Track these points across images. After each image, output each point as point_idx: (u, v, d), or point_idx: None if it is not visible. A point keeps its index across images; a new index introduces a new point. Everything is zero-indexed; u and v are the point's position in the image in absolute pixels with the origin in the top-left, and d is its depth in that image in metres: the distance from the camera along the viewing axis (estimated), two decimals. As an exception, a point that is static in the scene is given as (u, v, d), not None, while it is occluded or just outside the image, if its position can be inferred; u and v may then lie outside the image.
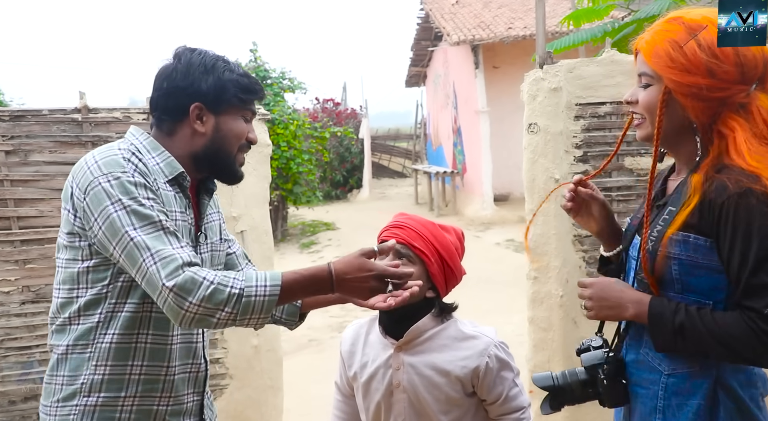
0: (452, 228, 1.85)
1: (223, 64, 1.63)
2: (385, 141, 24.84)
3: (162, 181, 1.57)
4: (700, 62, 1.36)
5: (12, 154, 2.77)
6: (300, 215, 14.44)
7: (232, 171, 1.69)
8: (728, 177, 1.33)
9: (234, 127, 1.64)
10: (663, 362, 1.45)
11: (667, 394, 1.45)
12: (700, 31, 1.37)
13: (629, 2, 4.37)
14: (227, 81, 1.61)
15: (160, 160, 1.60)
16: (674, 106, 1.41)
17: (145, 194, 1.49)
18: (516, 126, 4.00)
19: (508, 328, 5.02)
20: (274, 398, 3.20)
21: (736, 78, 1.36)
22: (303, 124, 11.47)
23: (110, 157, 1.52)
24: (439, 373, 1.75)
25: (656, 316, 1.39)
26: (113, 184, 1.48)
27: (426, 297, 1.78)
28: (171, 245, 1.46)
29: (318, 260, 10.00)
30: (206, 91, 1.59)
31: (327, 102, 17.52)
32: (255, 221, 3.10)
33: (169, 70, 1.62)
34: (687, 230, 1.38)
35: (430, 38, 15.72)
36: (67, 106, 2.87)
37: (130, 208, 1.46)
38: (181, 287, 1.41)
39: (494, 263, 8.37)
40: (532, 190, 3.04)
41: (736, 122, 1.37)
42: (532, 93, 3.02)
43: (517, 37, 12.30)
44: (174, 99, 1.60)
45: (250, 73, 1.70)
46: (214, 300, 1.42)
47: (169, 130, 1.63)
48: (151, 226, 1.46)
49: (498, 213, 12.42)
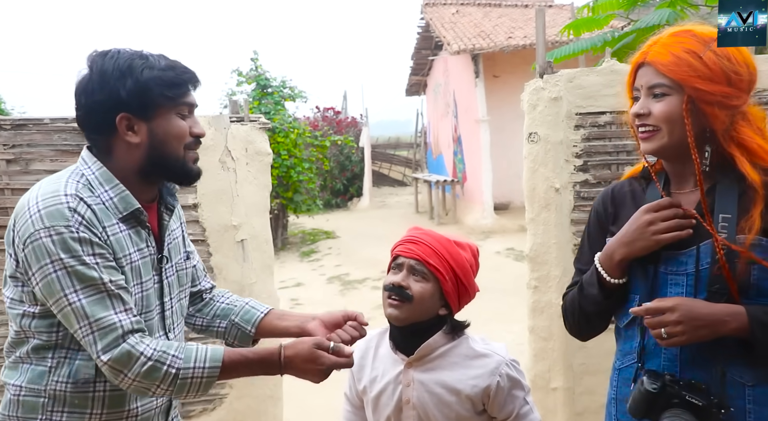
0: (468, 245, 1.82)
1: (140, 63, 1.47)
2: (385, 150, 24.86)
3: (115, 220, 1.48)
4: (721, 70, 1.39)
5: (13, 162, 2.78)
6: (300, 224, 14.43)
7: (185, 172, 1.56)
8: None
9: (171, 129, 1.50)
10: (745, 375, 1.41)
11: (758, 406, 1.40)
12: (712, 42, 1.40)
13: (629, 12, 4.39)
14: (148, 81, 1.45)
15: (114, 195, 1.49)
16: (696, 115, 1.43)
17: (90, 251, 1.39)
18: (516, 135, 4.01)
19: (509, 337, 5.01)
20: (273, 408, 3.18)
21: (747, 87, 1.43)
22: (303, 132, 11.49)
23: (54, 207, 1.39)
24: (449, 391, 1.73)
25: (760, 325, 1.34)
26: (55, 240, 1.37)
27: (438, 314, 1.76)
28: (114, 309, 1.39)
29: (318, 268, 10.00)
30: (128, 98, 1.45)
31: (327, 111, 17.55)
32: (255, 229, 3.10)
33: (84, 82, 1.48)
34: (763, 234, 1.38)
35: (431, 47, 15.76)
36: (68, 114, 2.88)
37: (71, 269, 1.37)
38: (116, 361, 1.37)
39: (494, 271, 8.36)
40: (532, 199, 3.04)
41: (746, 129, 1.43)
42: (533, 102, 3.02)
43: (517, 47, 12.33)
44: (96, 115, 1.47)
45: (175, 61, 1.53)
46: (150, 377, 1.39)
47: (105, 149, 1.51)
48: (92, 288, 1.38)
49: (498, 222, 12.41)
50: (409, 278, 1.72)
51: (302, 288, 8.75)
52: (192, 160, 1.57)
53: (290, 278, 9.30)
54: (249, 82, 11.59)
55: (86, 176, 1.49)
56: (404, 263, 1.75)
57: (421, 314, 1.73)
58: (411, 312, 1.72)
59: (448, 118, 15.58)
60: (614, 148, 3.00)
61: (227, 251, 3.03)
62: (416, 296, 1.70)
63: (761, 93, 2.82)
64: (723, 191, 1.43)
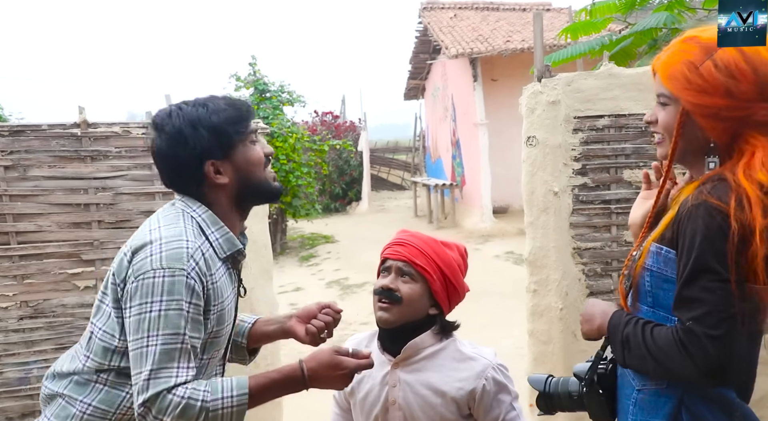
0: (455, 245, 1.84)
1: (204, 111, 1.57)
2: (384, 154, 24.85)
3: (219, 263, 1.56)
4: (717, 83, 1.33)
5: (11, 169, 2.78)
6: (299, 228, 14.42)
7: (272, 191, 1.68)
8: (700, 189, 1.32)
9: (250, 157, 1.61)
10: (635, 378, 1.46)
11: (636, 409, 1.46)
12: (715, 49, 1.34)
13: (627, 15, 4.40)
14: (218, 124, 1.56)
15: (220, 236, 1.58)
16: (692, 126, 1.39)
17: (189, 299, 1.46)
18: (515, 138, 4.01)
19: (508, 341, 5.00)
20: (273, 412, 3.18)
21: (755, 97, 1.33)
22: (302, 137, 11.49)
23: (175, 251, 1.48)
24: (435, 393, 1.74)
25: (612, 327, 1.43)
26: (166, 281, 1.44)
27: (429, 314, 1.77)
28: (177, 364, 1.43)
29: (317, 272, 9.98)
30: (208, 146, 1.55)
31: (326, 115, 17.56)
32: (254, 234, 3.09)
33: (163, 148, 1.56)
34: (661, 242, 1.39)
35: (429, 51, 15.77)
36: (66, 120, 2.88)
37: (165, 312, 1.44)
38: (156, 407, 1.41)
39: (493, 275, 8.35)
40: (531, 203, 3.04)
41: (758, 140, 1.33)
42: (531, 106, 3.02)
43: (515, 50, 12.34)
44: (186, 172, 1.56)
45: (230, 99, 1.64)
46: (186, 416, 1.42)
47: (199, 197, 1.59)
48: (172, 337, 1.44)
49: (497, 225, 12.40)
50: (398, 280, 1.74)
51: (301, 293, 8.74)
52: (272, 178, 1.69)
53: (289, 282, 9.30)
54: (247, 87, 11.59)
55: (195, 219, 1.57)
56: (392, 265, 1.77)
57: (412, 315, 1.75)
58: (401, 314, 1.73)
59: (446, 122, 15.58)
60: (613, 151, 3.00)
61: (226, 256, 3.02)
62: (405, 297, 1.72)
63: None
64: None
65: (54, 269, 2.82)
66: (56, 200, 2.81)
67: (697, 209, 1.29)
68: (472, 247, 10.92)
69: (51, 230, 2.82)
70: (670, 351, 1.30)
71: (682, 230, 1.32)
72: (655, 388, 1.42)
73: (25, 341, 2.80)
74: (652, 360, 1.33)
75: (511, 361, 1.84)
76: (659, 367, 1.33)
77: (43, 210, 2.81)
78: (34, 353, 2.80)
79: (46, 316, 2.83)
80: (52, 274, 2.82)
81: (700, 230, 1.28)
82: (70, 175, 2.83)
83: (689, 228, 1.30)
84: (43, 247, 2.81)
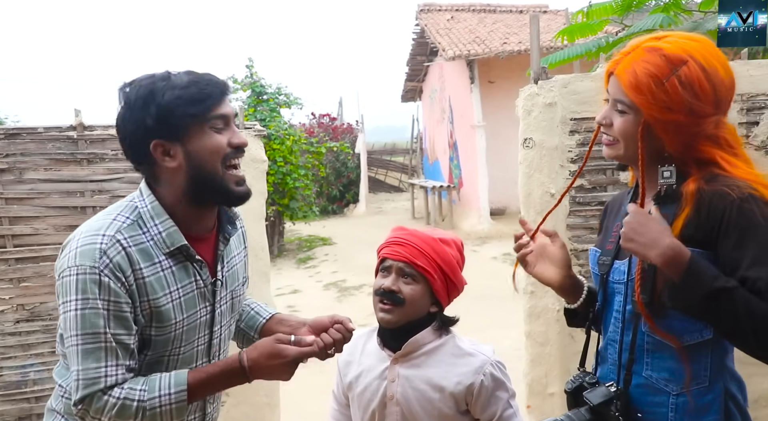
0: (452, 240, 1.84)
1: (162, 85, 1.45)
2: (381, 156, 24.87)
3: (161, 257, 1.49)
4: (682, 100, 1.35)
5: (7, 172, 2.77)
6: (296, 230, 14.41)
7: (227, 192, 1.53)
8: (726, 185, 1.33)
9: (207, 145, 1.48)
10: (670, 383, 1.43)
11: (679, 415, 1.42)
12: (681, 66, 1.35)
13: (623, 17, 4.41)
14: (169, 103, 1.43)
15: (163, 229, 1.50)
16: (651, 137, 1.41)
17: (105, 296, 1.41)
18: (512, 140, 4.01)
19: (506, 343, 5.00)
20: (271, 415, 3.17)
21: (714, 112, 1.37)
22: (299, 139, 11.49)
23: (88, 247, 1.43)
24: (433, 388, 1.74)
25: (695, 271, 1.28)
26: (78, 279, 1.41)
27: (429, 312, 1.78)
28: (105, 362, 1.42)
29: (315, 274, 9.98)
30: (154, 125, 1.44)
31: (323, 117, 17.56)
32: (251, 236, 3.07)
33: (119, 116, 1.50)
34: (681, 241, 1.33)
35: (426, 53, 15.79)
36: (62, 123, 2.87)
37: (80, 311, 1.41)
38: (92, 408, 1.42)
39: (491, 277, 8.35)
40: (528, 205, 3.04)
41: (710, 148, 1.39)
42: (527, 108, 3.03)
43: (512, 52, 12.36)
44: (134, 146, 1.49)
45: (199, 75, 1.50)
46: (123, 416, 1.42)
47: (153, 178, 1.53)
48: (92, 336, 1.41)
49: (494, 227, 12.41)
50: (399, 281, 1.73)
51: (299, 295, 8.73)
52: (234, 179, 1.53)
53: (287, 285, 9.29)
54: (244, 90, 11.59)
55: (139, 210, 1.51)
56: (392, 265, 1.75)
57: (413, 315, 1.75)
58: (403, 315, 1.73)
59: (443, 124, 15.60)
60: (609, 153, 3.00)
61: (223, 259, 3.02)
62: (408, 298, 1.72)
63: (755, 98, 2.83)
64: (668, 205, 1.41)
65: (50, 272, 2.81)
66: (52, 203, 2.81)
67: (748, 202, 1.31)
68: (470, 248, 10.91)
69: (47, 233, 2.81)
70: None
71: (726, 222, 1.31)
72: (696, 388, 1.40)
73: (21, 344, 2.79)
74: (749, 326, 1.24)
75: (508, 362, 1.84)
76: (755, 336, 1.25)
77: (39, 213, 2.80)
78: (30, 356, 2.80)
79: (42, 319, 2.82)
80: (49, 277, 2.82)
81: (761, 218, 1.29)
82: (66, 178, 2.83)
83: (748, 219, 1.30)
84: (40, 250, 2.81)
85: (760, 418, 2.84)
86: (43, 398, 2.80)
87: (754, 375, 2.85)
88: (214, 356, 1.65)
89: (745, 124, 2.85)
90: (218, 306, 1.62)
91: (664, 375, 1.43)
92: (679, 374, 1.41)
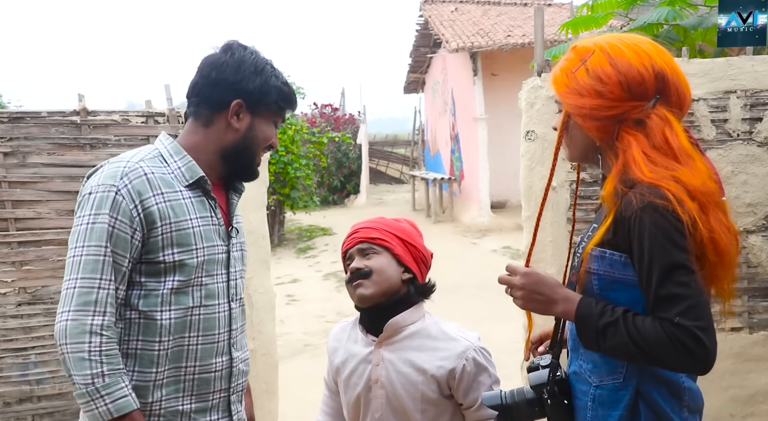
0: (402, 219, 1.94)
1: (271, 70, 1.69)
2: (382, 147, 24.85)
3: (180, 188, 1.62)
4: (587, 85, 1.45)
5: (10, 155, 2.77)
6: (297, 220, 14.43)
7: (252, 170, 1.76)
8: (635, 192, 1.37)
9: (265, 130, 1.72)
10: (592, 374, 1.51)
11: (595, 405, 1.50)
12: (588, 57, 1.47)
13: (628, 11, 4.40)
14: (272, 86, 1.68)
15: (182, 165, 1.65)
16: (575, 127, 1.53)
17: (116, 214, 1.53)
18: (514, 133, 4.01)
19: (504, 335, 5.02)
20: (269, 402, 3.19)
21: (623, 96, 1.43)
22: (301, 129, 11.49)
23: (114, 169, 1.57)
24: (416, 370, 1.76)
25: (582, 316, 1.42)
26: (96, 197, 1.54)
27: (403, 280, 1.82)
28: (101, 275, 1.50)
29: (314, 264, 9.99)
30: (251, 91, 1.65)
31: (325, 107, 17.56)
32: (252, 224, 3.10)
33: (219, 61, 1.67)
34: (603, 246, 1.43)
35: (429, 45, 15.75)
36: (65, 108, 2.87)
37: (91, 225, 1.52)
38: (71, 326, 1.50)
39: (490, 269, 8.36)
40: (529, 198, 3.04)
41: (632, 137, 1.43)
42: (530, 101, 3.02)
43: (515, 45, 12.34)
44: (219, 90, 1.65)
45: (290, 84, 1.77)
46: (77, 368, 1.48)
47: (206, 120, 1.68)
48: (95, 248, 1.51)
49: (495, 220, 12.43)
50: (362, 260, 1.81)
51: (298, 284, 8.76)
52: (259, 162, 1.77)
53: (287, 274, 9.31)
54: (247, 78, 11.56)
55: (159, 150, 1.67)
56: (352, 252, 1.85)
57: (387, 285, 1.79)
58: (377, 286, 1.78)
59: (446, 116, 15.58)
60: (611, 147, 3.00)
61: (224, 246, 3.02)
62: (375, 268, 1.78)
63: (759, 93, 2.82)
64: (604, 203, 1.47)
65: (52, 255, 2.82)
66: (55, 187, 2.81)
67: (645, 211, 1.34)
68: (470, 241, 10.95)
69: (50, 217, 2.82)
70: (661, 347, 1.32)
71: (633, 233, 1.37)
72: (612, 382, 1.48)
73: (23, 327, 2.81)
74: (638, 351, 1.35)
75: (507, 354, 1.87)
76: (647, 358, 1.36)
77: (42, 197, 2.81)
78: (32, 339, 2.81)
79: (44, 302, 2.83)
80: (51, 261, 2.82)
81: (657, 230, 1.33)
82: (69, 163, 2.83)
83: (644, 230, 1.35)
84: (42, 234, 2.81)
85: (757, 414, 2.86)
86: (43, 380, 2.82)
87: (752, 371, 2.87)
88: (233, 299, 1.71)
89: (749, 120, 2.86)
90: (232, 250, 1.72)
91: (589, 367, 1.52)
92: (599, 367, 1.49)
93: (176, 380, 1.61)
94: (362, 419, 1.84)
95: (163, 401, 1.59)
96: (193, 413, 1.63)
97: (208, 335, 1.64)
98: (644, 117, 1.43)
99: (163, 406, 1.60)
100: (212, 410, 1.67)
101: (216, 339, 1.66)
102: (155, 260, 1.57)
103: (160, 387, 1.59)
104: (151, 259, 1.57)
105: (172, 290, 1.58)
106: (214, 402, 1.67)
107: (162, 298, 1.57)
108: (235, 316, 1.72)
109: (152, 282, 1.58)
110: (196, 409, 1.64)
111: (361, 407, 1.83)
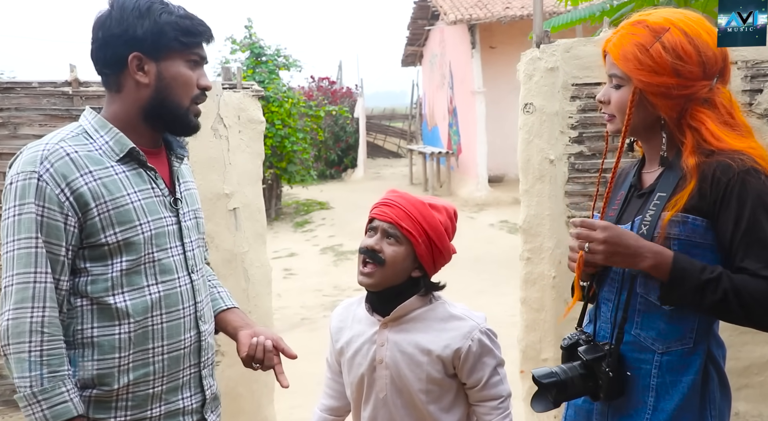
0: (443, 207, 1.82)
1: (160, 7, 1.53)
2: (380, 121, 24.75)
3: (111, 163, 1.52)
4: (666, 64, 1.45)
5: (1, 126, 2.74)
6: (294, 194, 14.41)
7: (184, 122, 1.61)
8: (729, 158, 1.42)
9: (181, 74, 1.56)
10: (656, 342, 1.50)
11: (662, 371, 1.49)
12: (664, 33, 1.46)
13: (628, -18, 4.33)
14: (165, 24, 1.52)
15: (109, 139, 1.55)
16: (644, 104, 1.51)
17: (41, 202, 1.45)
18: (512, 107, 3.99)
19: (501, 308, 5.04)
20: (265, 375, 3.20)
21: (699, 75, 1.46)
22: (298, 102, 11.41)
23: (32, 154, 1.47)
24: (421, 351, 1.75)
25: (681, 270, 1.41)
26: (18, 186, 1.45)
27: (411, 276, 1.77)
28: (35, 267, 1.44)
29: (312, 239, 10.00)
30: (143, 37, 1.50)
31: (322, 80, 17.42)
32: (248, 198, 3.08)
33: (103, 18, 1.53)
34: (686, 212, 1.44)
35: (427, 17, 15.59)
36: (57, 78, 2.83)
37: (18, 217, 1.45)
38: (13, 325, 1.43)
39: (488, 243, 8.39)
40: (526, 171, 3.02)
41: (704, 114, 1.47)
42: (529, 73, 2.99)
43: (514, 17, 12.21)
44: (111, 49, 1.53)
45: (193, 14, 1.59)
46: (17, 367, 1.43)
47: (115, 86, 1.57)
48: (26, 241, 1.44)
49: (492, 194, 12.42)
50: (383, 242, 1.73)
51: (295, 258, 8.76)
52: (194, 113, 1.62)
53: (284, 248, 9.32)
54: (243, 51, 11.47)
55: (83, 126, 1.56)
56: (378, 226, 1.75)
57: (394, 277, 1.74)
58: (382, 277, 1.73)
59: (443, 90, 15.49)
60: (610, 119, 2.97)
61: (219, 220, 3.01)
62: (388, 259, 1.72)
63: (760, 65, 2.79)
64: (668, 173, 1.52)
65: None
66: (47, 160, 2.79)
67: (748, 173, 1.40)
68: (467, 215, 10.94)
69: (42, 190, 2.79)
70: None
71: (729, 194, 1.41)
72: (681, 347, 1.48)
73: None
74: (740, 308, 1.37)
75: (503, 328, 1.85)
76: (751, 315, 1.39)
77: (35, 170, 2.78)
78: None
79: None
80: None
81: (761, 191, 1.40)
82: (61, 135, 2.80)
83: (747, 191, 1.40)
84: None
85: (751, 385, 2.87)
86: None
87: (748, 344, 2.87)
88: (192, 271, 1.65)
89: (749, 92, 2.82)
90: (183, 220, 1.64)
91: (652, 334, 1.50)
92: (665, 334, 1.49)
93: (145, 364, 1.54)
94: (366, 399, 1.82)
95: (131, 386, 1.53)
96: (164, 394, 1.58)
97: (172, 311, 1.58)
98: (711, 96, 1.47)
99: (132, 391, 1.54)
100: (183, 387, 1.62)
101: (182, 315, 1.60)
102: (97, 244, 1.49)
103: (126, 372, 1.52)
104: (93, 243, 1.49)
105: (122, 271, 1.51)
106: (184, 379, 1.62)
107: (112, 281, 1.50)
108: (197, 288, 1.65)
109: (99, 266, 1.50)
110: (167, 389, 1.59)
111: (365, 388, 1.81)
